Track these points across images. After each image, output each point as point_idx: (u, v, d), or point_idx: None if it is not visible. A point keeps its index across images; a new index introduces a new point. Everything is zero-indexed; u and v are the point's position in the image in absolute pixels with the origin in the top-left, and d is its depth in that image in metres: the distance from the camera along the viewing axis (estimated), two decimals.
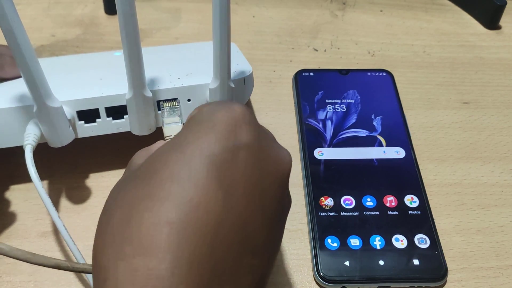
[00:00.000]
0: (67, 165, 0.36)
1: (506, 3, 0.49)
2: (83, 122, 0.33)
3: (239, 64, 0.37)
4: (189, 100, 0.35)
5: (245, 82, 0.36)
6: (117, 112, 0.34)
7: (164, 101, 0.34)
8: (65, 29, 0.47)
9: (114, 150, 0.37)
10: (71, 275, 0.31)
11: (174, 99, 0.34)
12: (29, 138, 0.31)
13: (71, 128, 0.33)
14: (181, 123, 0.34)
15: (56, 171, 0.36)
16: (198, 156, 0.19)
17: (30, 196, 0.35)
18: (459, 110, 0.42)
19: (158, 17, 0.49)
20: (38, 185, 0.30)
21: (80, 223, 0.33)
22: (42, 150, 0.32)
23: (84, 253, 0.30)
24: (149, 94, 0.31)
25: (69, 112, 0.33)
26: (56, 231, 0.33)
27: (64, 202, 0.35)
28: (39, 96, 0.29)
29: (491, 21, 0.50)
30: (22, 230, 0.33)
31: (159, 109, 0.34)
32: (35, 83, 0.28)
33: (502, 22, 0.51)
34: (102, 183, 0.36)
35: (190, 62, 0.38)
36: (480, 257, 0.33)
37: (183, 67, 0.37)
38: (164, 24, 0.49)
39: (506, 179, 0.37)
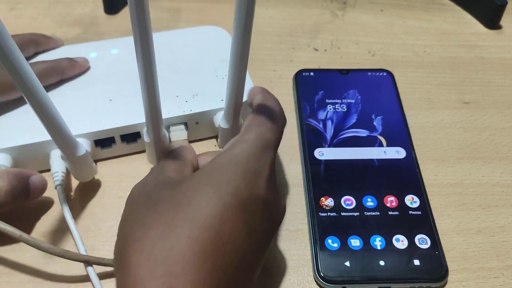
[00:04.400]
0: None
1: (506, 2, 0.49)
2: (99, 147, 0.35)
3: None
4: (197, 123, 0.36)
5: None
6: (131, 137, 0.35)
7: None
8: (65, 29, 0.47)
9: None
10: (70, 277, 0.31)
11: (183, 123, 0.35)
12: (58, 177, 0.33)
13: (94, 164, 0.34)
14: (185, 128, 0.35)
15: None
16: (230, 197, 0.23)
17: None
18: (460, 110, 0.42)
19: (158, 17, 0.49)
20: (71, 224, 0.32)
21: (79, 223, 0.33)
22: None
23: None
24: (166, 135, 0.32)
25: (86, 142, 0.34)
26: (56, 232, 0.33)
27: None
28: (67, 151, 0.30)
29: (492, 21, 0.50)
30: (23, 230, 0.33)
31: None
32: (63, 141, 0.29)
33: (502, 21, 0.51)
34: (102, 183, 0.36)
35: (194, 72, 0.38)
36: (480, 257, 0.33)
37: (188, 83, 0.37)
38: (164, 24, 0.48)
39: (507, 179, 0.37)
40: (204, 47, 0.41)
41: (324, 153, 0.37)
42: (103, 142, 0.35)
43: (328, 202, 0.34)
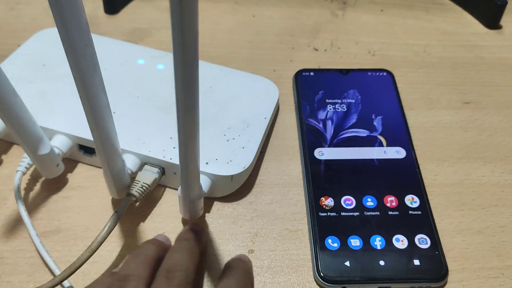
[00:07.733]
0: (67, 165, 0.36)
1: (507, 2, 0.49)
2: (82, 151, 0.35)
3: (245, 147, 0.34)
4: (174, 173, 0.34)
5: (232, 179, 0.33)
6: None
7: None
8: None
9: None
10: (71, 277, 0.31)
11: (160, 167, 0.34)
12: (22, 164, 0.33)
13: (59, 165, 0.34)
14: (157, 173, 0.33)
15: None
16: None
17: None
18: (460, 110, 0.42)
19: (158, 16, 0.49)
20: (22, 210, 0.32)
21: (80, 223, 0.33)
22: None
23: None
24: (125, 168, 0.31)
25: (68, 142, 0.34)
26: (56, 231, 0.33)
27: (63, 202, 0.34)
28: (27, 147, 0.30)
29: (492, 21, 0.50)
30: (22, 230, 0.33)
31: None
32: (23, 136, 0.29)
33: (502, 21, 0.51)
34: (102, 183, 0.36)
35: (207, 121, 0.35)
36: (480, 257, 0.33)
37: None
38: (164, 23, 0.48)
39: (507, 179, 0.37)
40: (239, 98, 0.38)
41: (324, 153, 0.37)
42: (85, 148, 0.35)
43: (328, 202, 0.34)
